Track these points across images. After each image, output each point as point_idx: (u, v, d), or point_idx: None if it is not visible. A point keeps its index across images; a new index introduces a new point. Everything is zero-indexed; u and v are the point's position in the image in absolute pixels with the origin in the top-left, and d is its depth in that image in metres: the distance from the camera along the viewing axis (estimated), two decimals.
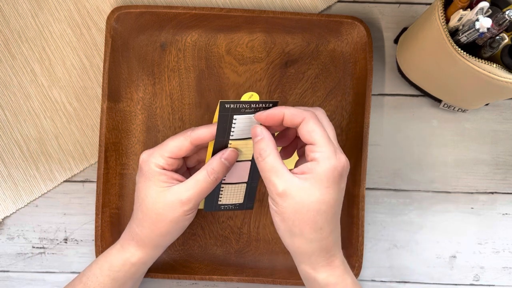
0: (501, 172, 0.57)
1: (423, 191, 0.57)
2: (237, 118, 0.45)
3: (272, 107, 0.44)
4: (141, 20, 0.54)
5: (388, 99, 0.57)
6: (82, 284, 0.47)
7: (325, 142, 0.41)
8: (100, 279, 0.47)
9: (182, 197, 0.45)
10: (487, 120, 0.57)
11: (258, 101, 0.45)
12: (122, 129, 0.55)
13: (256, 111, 0.45)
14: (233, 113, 0.45)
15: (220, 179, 0.46)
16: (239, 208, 0.51)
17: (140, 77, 0.56)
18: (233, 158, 0.46)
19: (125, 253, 0.48)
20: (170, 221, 0.46)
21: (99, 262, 0.48)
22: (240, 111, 0.45)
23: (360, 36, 0.54)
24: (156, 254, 0.49)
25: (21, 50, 0.56)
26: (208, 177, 0.45)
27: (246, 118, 0.45)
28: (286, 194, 0.41)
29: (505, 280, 0.58)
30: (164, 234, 0.47)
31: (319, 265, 0.43)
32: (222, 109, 0.44)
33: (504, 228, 0.58)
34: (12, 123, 0.56)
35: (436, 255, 0.57)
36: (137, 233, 0.47)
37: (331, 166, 0.41)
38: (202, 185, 0.45)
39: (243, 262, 0.56)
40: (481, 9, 0.41)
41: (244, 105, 0.44)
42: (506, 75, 0.42)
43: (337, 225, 0.44)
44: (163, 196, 0.45)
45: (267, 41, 0.56)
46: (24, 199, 0.56)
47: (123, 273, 0.47)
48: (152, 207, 0.46)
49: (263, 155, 0.42)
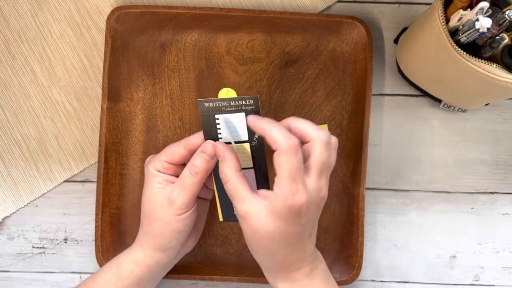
0: (501, 172, 0.57)
1: (423, 191, 0.57)
2: (219, 118, 0.45)
3: (253, 104, 0.44)
4: (141, 20, 0.54)
5: (388, 99, 0.57)
6: (93, 280, 0.48)
7: (286, 181, 0.40)
8: (108, 275, 0.48)
9: (170, 196, 0.46)
10: (487, 120, 0.57)
11: (238, 97, 0.44)
12: (122, 129, 0.55)
13: (238, 110, 0.44)
14: (214, 113, 0.44)
15: (203, 175, 0.46)
16: None
17: (140, 77, 0.56)
18: (209, 150, 0.45)
19: (131, 253, 0.49)
20: (161, 221, 0.46)
21: (112, 260, 0.49)
22: (221, 110, 0.44)
23: (360, 36, 0.54)
24: (163, 260, 0.48)
25: (21, 50, 0.56)
26: (190, 173, 0.46)
27: (229, 117, 0.45)
28: (246, 217, 0.42)
29: (505, 280, 0.58)
30: (159, 235, 0.47)
31: (279, 278, 0.45)
32: (202, 109, 0.44)
33: (504, 228, 0.58)
34: (12, 123, 0.56)
35: (436, 255, 0.57)
36: (140, 234, 0.49)
37: (284, 205, 0.40)
38: (186, 182, 0.46)
39: (243, 262, 0.56)
40: (481, 9, 0.41)
41: (223, 103, 0.44)
42: (506, 75, 0.42)
43: (296, 248, 0.43)
44: (155, 195, 0.47)
45: (267, 41, 0.56)
46: (24, 199, 0.56)
47: (127, 273, 0.48)
48: (146, 206, 0.48)
49: (224, 179, 0.44)
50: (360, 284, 0.57)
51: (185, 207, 0.46)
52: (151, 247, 0.48)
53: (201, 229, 0.53)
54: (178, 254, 0.50)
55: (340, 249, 0.56)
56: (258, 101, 0.45)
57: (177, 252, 0.50)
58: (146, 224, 0.48)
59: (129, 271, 0.48)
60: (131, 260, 0.48)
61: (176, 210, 0.46)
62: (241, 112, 0.45)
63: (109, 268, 0.48)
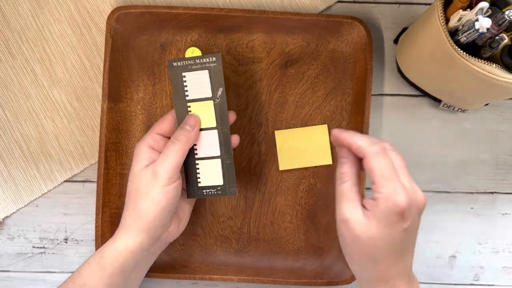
0: (501, 172, 0.57)
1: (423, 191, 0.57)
2: (186, 75, 0.49)
3: (215, 61, 0.48)
4: (141, 20, 0.54)
5: (388, 99, 0.57)
6: (78, 273, 0.47)
7: (383, 183, 0.41)
8: (92, 266, 0.47)
9: (154, 168, 0.47)
10: (487, 120, 0.57)
11: (202, 56, 0.48)
12: (122, 129, 0.55)
13: (203, 67, 0.48)
14: (181, 71, 0.49)
15: (184, 143, 0.47)
16: (221, 192, 0.50)
17: (140, 77, 0.56)
18: (192, 121, 0.48)
19: (114, 241, 0.48)
20: (145, 196, 0.46)
21: (95, 252, 0.48)
22: (187, 67, 0.49)
23: (360, 36, 0.54)
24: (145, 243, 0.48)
25: (21, 50, 0.56)
26: (171, 141, 0.47)
27: (194, 74, 0.49)
28: (348, 222, 0.42)
29: (505, 280, 0.58)
30: (144, 214, 0.47)
31: None
32: (171, 68, 0.49)
33: (504, 228, 0.58)
34: (13, 123, 0.56)
35: (436, 255, 0.57)
36: (124, 216, 0.48)
37: (387, 208, 0.41)
38: (168, 150, 0.47)
39: (243, 262, 0.56)
40: (481, 9, 0.41)
41: (190, 61, 0.48)
42: (506, 75, 0.42)
43: (400, 259, 0.43)
44: (141, 172, 0.47)
45: (267, 41, 0.56)
46: (24, 199, 0.56)
47: (110, 261, 0.47)
48: (132, 185, 0.48)
49: (344, 179, 0.44)
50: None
51: (167, 177, 0.46)
52: (134, 227, 0.47)
53: (185, 219, 0.53)
54: (160, 239, 0.50)
55: (340, 249, 0.56)
56: (219, 58, 0.48)
57: (160, 235, 0.49)
58: (130, 205, 0.48)
59: (112, 259, 0.47)
60: (113, 248, 0.47)
61: (159, 181, 0.46)
62: (205, 70, 0.49)
63: (92, 259, 0.47)
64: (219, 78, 0.49)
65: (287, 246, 0.56)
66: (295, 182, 0.56)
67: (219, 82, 0.49)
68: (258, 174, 0.56)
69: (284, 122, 0.56)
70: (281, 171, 0.56)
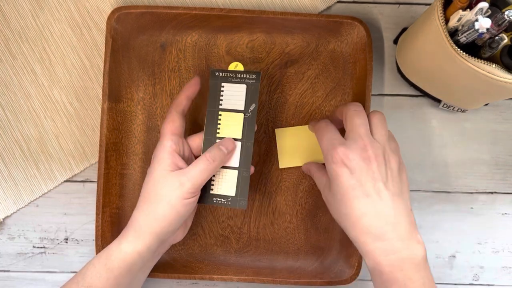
0: (501, 172, 0.58)
1: (423, 191, 0.57)
2: (224, 85, 0.51)
3: (255, 78, 0.50)
4: (141, 21, 0.54)
5: (388, 99, 0.57)
6: (82, 275, 0.47)
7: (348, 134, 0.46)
8: (97, 268, 0.47)
9: (181, 178, 0.47)
10: (487, 120, 0.57)
11: (243, 71, 0.51)
12: (122, 129, 0.55)
13: (242, 81, 0.50)
14: (221, 81, 0.51)
15: (217, 164, 0.48)
16: (231, 204, 0.50)
17: (140, 77, 0.56)
18: (229, 145, 0.50)
19: (122, 243, 0.47)
20: (167, 203, 0.47)
21: (100, 253, 0.48)
22: (228, 79, 0.51)
23: (359, 36, 0.54)
24: (153, 246, 0.48)
25: (21, 50, 0.56)
26: (206, 158, 0.48)
27: (232, 86, 0.51)
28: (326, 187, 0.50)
29: (505, 280, 0.58)
30: (161, 218, 0.47)
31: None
32: (212, 77, 0.51)
33: (504, 228, 0.58)
34: (13, 123, 0.56)
35: (435, 255, 0.57)
36: (136, 217, 0.48)
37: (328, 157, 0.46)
38: (200, 166, 0.47)
39: (243, 262, 0.56)
40: (481, 9, 0.41)
41: (231, 74, 0.51)
42: (506, 75, 0.42)
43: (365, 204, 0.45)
44: (165, 178, 0.47)
45: (267, 42, 0.56)
46: (24, 199, 0.56)
47: (117, 263, 0.47)
48: (153, 188, 0.48)
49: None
50: (360, 284, 0.57)
51: (193, 191, 0.47)
52: (146, 230, 0.47)
53: (190, 224, 0.54)
54: (166, 242, 0.51)
55: (340, 249, 0.56)
56: (259, 76, 0.50)
57: (166, 240, 0.50)
58: (146, 208, 0.47)
59: (119, 260, 0.47)
60: (120, 249, 0.47)
61: (185, 193, 0.47)
62: (243, 84, 0.51)
63: (97, 261, 0.47)
64: (255, 94, 0.50)
65: (287, 246, 0.56)
66: (295, 182, 0.56)
67: (253, 98, 0.50)
68: (258, 174, 0.56)
69: (284, 122, 0.56)
70: (281, 171, 0.56)
